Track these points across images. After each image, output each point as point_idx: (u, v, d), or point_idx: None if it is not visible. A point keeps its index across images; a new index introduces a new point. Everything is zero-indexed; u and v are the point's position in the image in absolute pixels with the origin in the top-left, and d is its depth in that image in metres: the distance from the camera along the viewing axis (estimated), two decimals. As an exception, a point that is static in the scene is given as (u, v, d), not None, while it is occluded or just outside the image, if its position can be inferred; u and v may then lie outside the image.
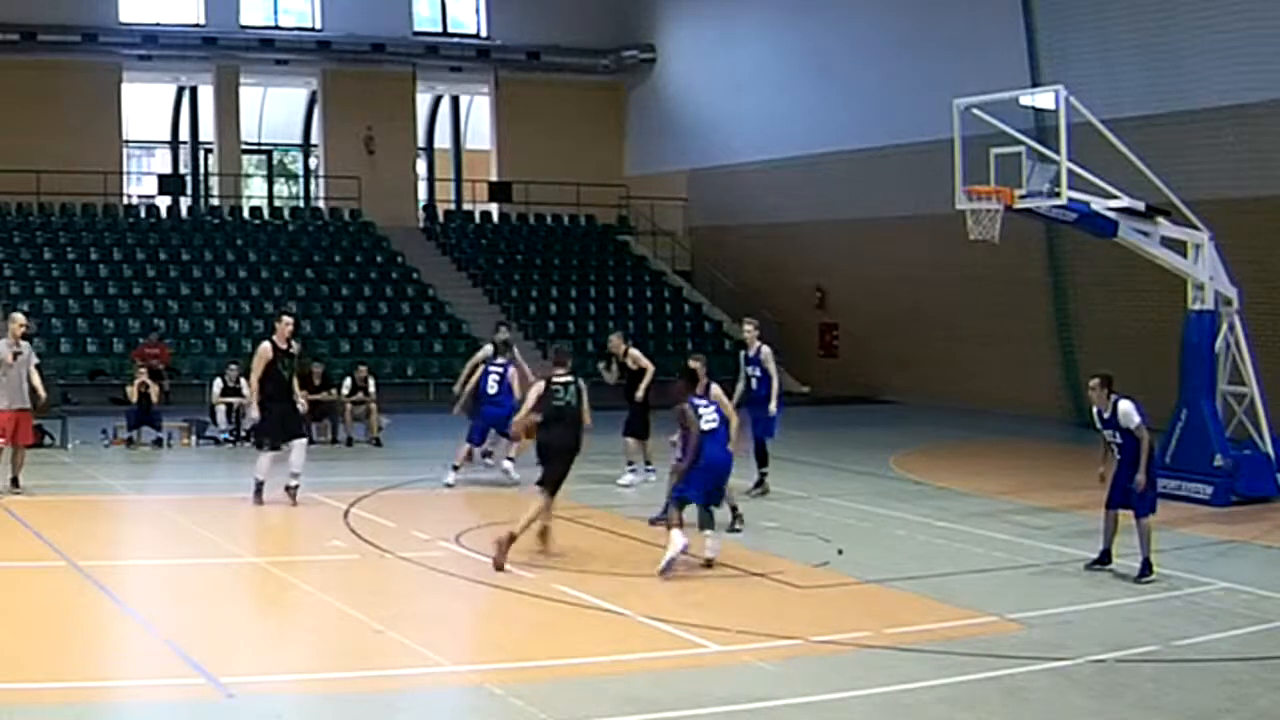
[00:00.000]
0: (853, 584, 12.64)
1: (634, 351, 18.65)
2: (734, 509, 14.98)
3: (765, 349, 17.51)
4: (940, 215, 20.90)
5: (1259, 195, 23.24)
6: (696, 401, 14.03)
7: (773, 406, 17.25)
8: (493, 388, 18.62)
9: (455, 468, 18.15)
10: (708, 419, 13.84)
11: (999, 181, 17.36)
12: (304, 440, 16.84)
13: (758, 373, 17.38)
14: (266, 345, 16.59)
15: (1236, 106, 23.49)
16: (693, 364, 14.66)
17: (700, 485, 13.51)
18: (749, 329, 17.89)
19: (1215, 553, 14.33)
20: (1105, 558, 13.15)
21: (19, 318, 17.47)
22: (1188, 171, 20.47)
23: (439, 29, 39.25)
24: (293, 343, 16.91)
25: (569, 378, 14.36)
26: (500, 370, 18.79)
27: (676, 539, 12.94)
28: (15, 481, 16.77)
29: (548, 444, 14.00)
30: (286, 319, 16.92)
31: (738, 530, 14.73)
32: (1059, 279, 27.34)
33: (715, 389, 14.42)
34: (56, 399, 22.84)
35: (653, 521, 14.96)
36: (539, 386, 14.42)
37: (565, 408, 14.09)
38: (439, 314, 33.54)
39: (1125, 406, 13.08)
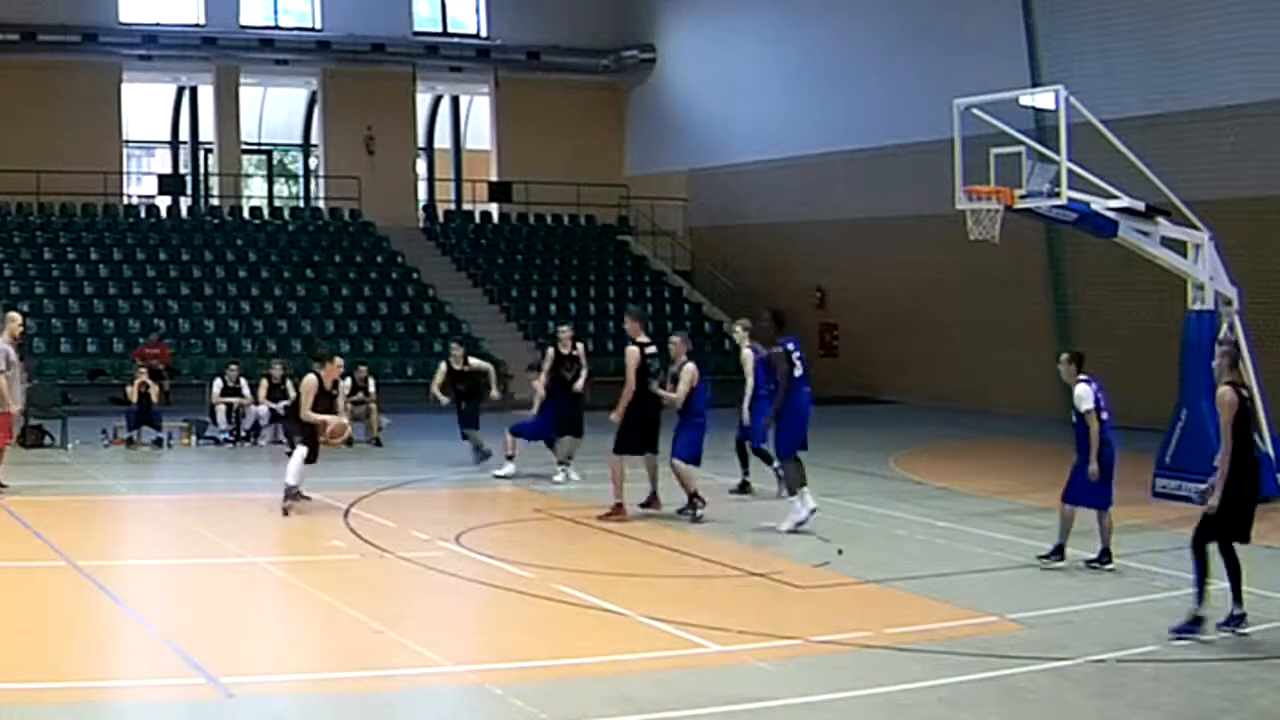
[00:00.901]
0: (853, 584, 12.64)
1: (579, 346, 19.10)
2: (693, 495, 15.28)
3: (745, 352, 17.09)
4: (940, 215, 20.91)
5: (1259, 195, 23.24)
6: (788, 345, 14.48)
7: (744, 412, 17.10)
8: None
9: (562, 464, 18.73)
10: (797, 366, 14.41)
11: (999, 181, 17.36)
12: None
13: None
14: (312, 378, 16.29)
15: (1236, 106, 23.49)
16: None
17: (799, 433, 14.51)
18: (738, 330, 17.72)
19: (1215, 552, 14.28)
20: (1104, 556, 13.16)
21: (17, 317, 17.46)
22: (1188, 171, 20.46)
23: (439, 29, 39.28)
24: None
25: (654, 347, 15.26)
26: None
27: (808, 499, 14.37)
28: None
29: (643, 426, 15.02)
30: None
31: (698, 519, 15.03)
32: (1059, 279, 27.34)
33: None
34: (56, 399, 22.89)
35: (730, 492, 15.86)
36: (636, 356, 15.02)
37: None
38: (439, 314, 33.56)
39: (1081, 389, 13.15)
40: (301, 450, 16.01)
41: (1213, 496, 10.64)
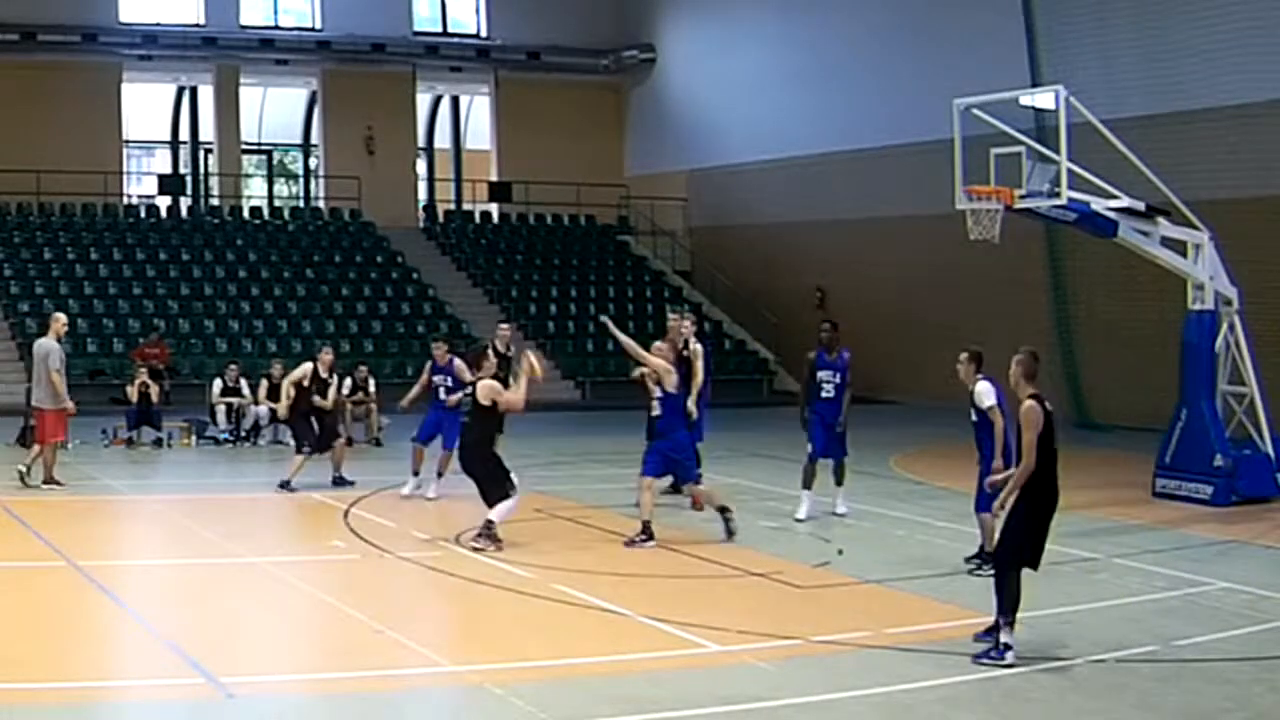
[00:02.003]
0: (853, 584, 12.64)
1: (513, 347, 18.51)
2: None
3: (695, 346, 16.77)
4: (940, 215, 20.89)
5: (1259, 195, 23.23)
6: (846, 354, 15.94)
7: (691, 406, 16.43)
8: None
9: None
10: None
11: (999, 181, 17.33)
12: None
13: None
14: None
15: (1236, 106, 23.48)
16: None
17: None
18: (687, 324, 17.07)
19: (1215, 553, 14.32)
20: (983, 555, 12.86)
21: (62, 317, 18.09)
22: (1188, 171, 20.45)
23: (439, 29, 39.29)
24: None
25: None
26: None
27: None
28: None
29: None
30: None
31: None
32: (1059, 279, 27.32)
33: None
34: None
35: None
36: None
37: None
38: (439, 314, 33.55)
39: (982, 386, 12.79)
40: (509, 502, 14.05)
41: (1000, 510, 10.10)
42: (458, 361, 17.29)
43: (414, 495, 16.97)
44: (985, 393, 12.79)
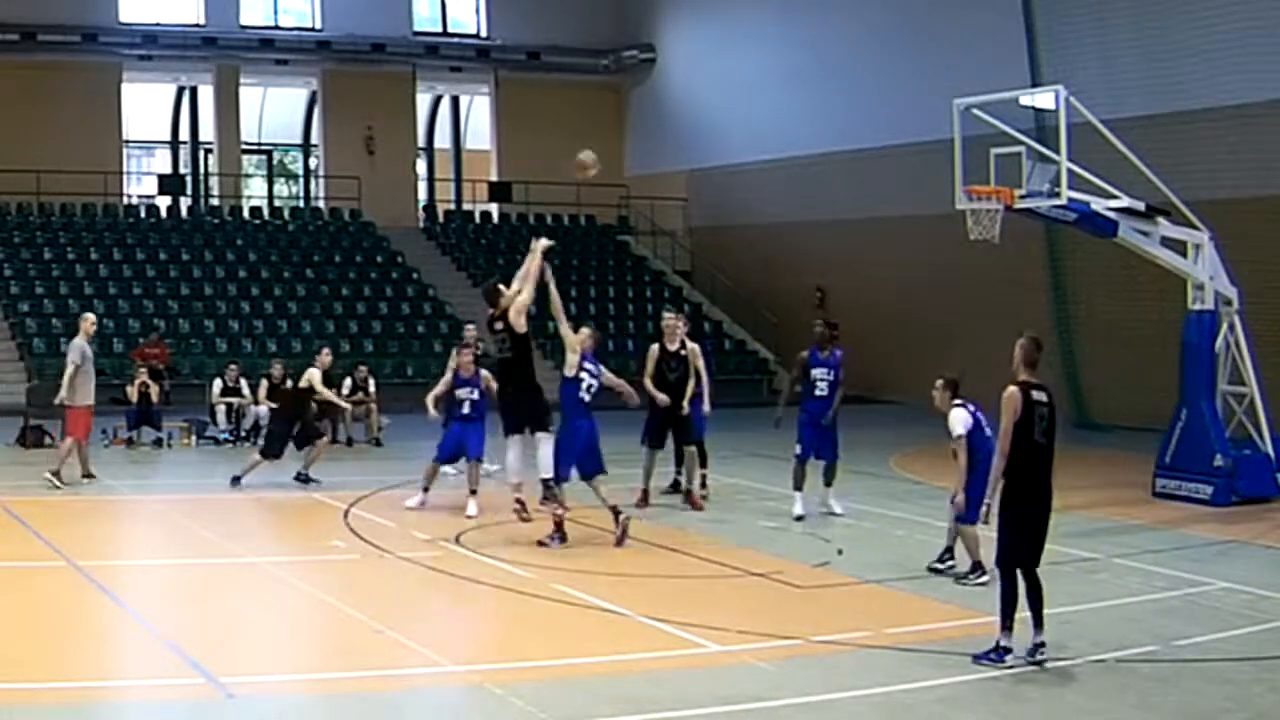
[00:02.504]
0: (853, 584, 12.64)
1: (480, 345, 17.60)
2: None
3: (692, 345, 16.79)
4: (940, 215, 20.89)
5: (1259, 195, 23.22)
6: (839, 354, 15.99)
7: (706, 404, 16.83)
8: None
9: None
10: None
11: (999, 181, 17.34)
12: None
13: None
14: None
15: (1236, 106, 23.48)
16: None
17: None
18: (680, 325, 17.02)
19: (1215, 553, 14.32)
20: (947, 554, 12.95)
21: (90, 316, 18.81)
22: (1188, 171, 20.44)
23: (439, 29, 39.29)
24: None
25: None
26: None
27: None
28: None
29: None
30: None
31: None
32: (1059, 279, 27.32)
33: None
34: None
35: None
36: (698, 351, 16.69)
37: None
38: (439, 314, 33.55)
39: (955, 414, 12.62)
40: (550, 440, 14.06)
41: (987, 511, 10.01)
42: (484, 372, 16.86)
43: (419, 509, 16.25)
44: (957, 421, 12.67)
